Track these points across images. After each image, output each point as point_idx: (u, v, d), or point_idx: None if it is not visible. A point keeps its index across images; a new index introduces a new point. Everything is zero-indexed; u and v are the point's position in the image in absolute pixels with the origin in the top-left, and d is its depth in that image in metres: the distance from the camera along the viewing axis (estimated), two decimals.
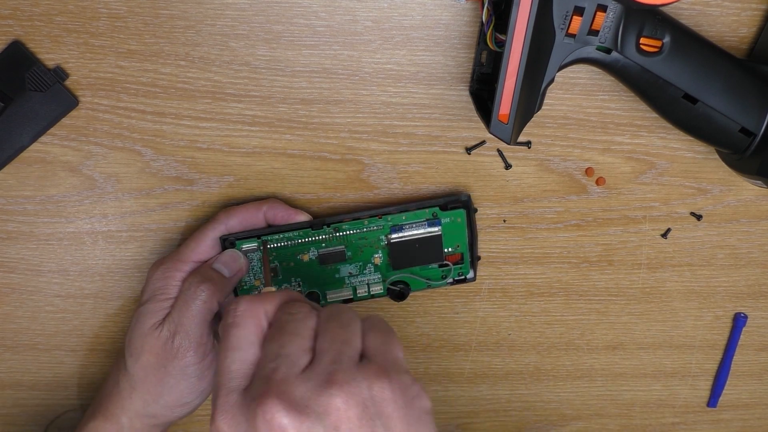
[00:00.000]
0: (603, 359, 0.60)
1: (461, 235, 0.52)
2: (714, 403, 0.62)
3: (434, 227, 0.52)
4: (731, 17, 0.48)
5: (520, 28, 0.41)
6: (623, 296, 0.58)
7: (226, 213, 0.50)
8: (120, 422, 0.48)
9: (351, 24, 0.47)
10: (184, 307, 0.47)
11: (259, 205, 0.50)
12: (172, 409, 0.48)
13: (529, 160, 0.53)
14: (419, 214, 0.51)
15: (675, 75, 0.45)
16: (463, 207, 0.51)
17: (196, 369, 0.47)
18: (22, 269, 0.53)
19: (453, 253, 0.53)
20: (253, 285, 0.52)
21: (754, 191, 0.55)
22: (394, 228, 0.51)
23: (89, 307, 0.55)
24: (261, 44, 0.48)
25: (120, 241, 0.53)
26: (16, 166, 0.50)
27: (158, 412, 0.48)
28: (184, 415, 0.49)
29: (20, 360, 0.56)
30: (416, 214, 0.51)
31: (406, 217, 0.51)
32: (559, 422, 0.62)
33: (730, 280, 0.58)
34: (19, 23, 0.46)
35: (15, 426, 0.58)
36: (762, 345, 0.61)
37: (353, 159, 0.52)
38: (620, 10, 0.43)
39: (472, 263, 0.53)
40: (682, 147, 0.53)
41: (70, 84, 0.48)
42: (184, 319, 0.47)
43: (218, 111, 0.49)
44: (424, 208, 0.51)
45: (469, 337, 0.58)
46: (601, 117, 0.51)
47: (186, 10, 0.46)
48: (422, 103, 0.50)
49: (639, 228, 0.55)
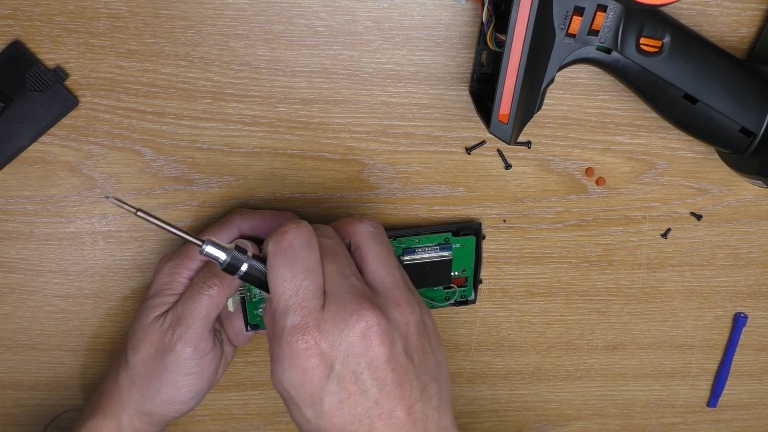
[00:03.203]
0: (603, 359, 0.60)
1: (469, 260, 0.54)
2: (714, 403, 0.62)
3: (445, 252, 0.53)
4: (731, 17, 0.48)
5: (520, 28, 0.41)
6: (623, 296, 0.58)
7: (240, 216, 0.49)
8: (120, 420, 0.48)
9: (351, 24, 0.47)
10: (189, 302, 0.47)
11: (276, 216, 0.50)
12: (168, 406, 0.48)
13: (529, 160, 0.53)
14: (432, 238, 0.52)
15: (675, 75, 0.45)
16: (473, 234, 0.53)
17: (194, 365, 0.47)
18: (22, 269, 0.53)
19: (459, 277, 0.54)
20: (262, 298, 0.51)
21: (754, 191, 0.55)
22: (406, 250, 0.52)
23: (89, 307, 0.55)
24: (261, 44, 0.48)
25: (120, 241, 0.53)
26: (16, 166, 0.50)
27: (155, 409, 0.48)
28: (180, 414, 0.49)
29: (20, 360, 0.56)
30: (429, 238, 0.52)
31: (419, 240, 0.52)
32: (559, 422, 0.62)
33: (730, 280, 0.58)
34: (19, 23, 0.46)
35: (15, 426, 0.58)
36: (762, 345, 0.61)
37: (353, 159, 0.52)
38: (620, 10, 0.43)
39: (474, 286, 0.55)
40: (682, 147, 0.53)
41: (70, 84, 0.48)
42: (187, 313, 0.46)
43: (218, 111, 0.49)
44: (437, 233, 0.52)
45: (469, 337, 0.58)
46: (601, 117, 0.51)
47: (186, 10, 0.46)
48: (422, 103, 0.50)
49: (639, 228, 0.55)
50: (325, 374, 0.39)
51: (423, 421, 0.40)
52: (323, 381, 0.39)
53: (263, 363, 0.58)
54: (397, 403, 0.39)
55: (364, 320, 0.39)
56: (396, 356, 0.40)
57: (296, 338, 0.39)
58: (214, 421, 0.59)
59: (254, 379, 0.58)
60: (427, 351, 0.42)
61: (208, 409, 0.59)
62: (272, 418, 0.60)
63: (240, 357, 0.57)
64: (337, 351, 0.39)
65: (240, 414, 0.59)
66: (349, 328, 0.39)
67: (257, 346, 0.57)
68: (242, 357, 0.57)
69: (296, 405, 0.40)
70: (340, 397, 0.39)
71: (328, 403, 0.39)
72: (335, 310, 0.39)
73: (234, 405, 0.59)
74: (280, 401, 0.59)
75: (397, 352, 0.40)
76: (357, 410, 0.39)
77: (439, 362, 0.43)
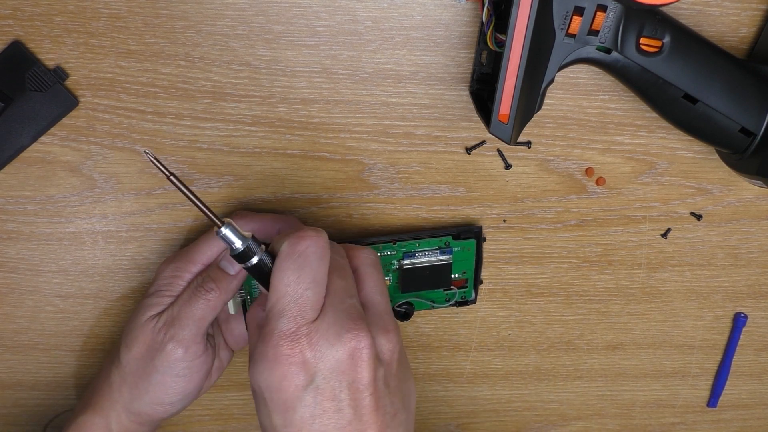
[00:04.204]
0: (603, 359, 0.60)
1: (469, 262, 0.54)
2: (714, 403, 0.62)
3: (445, 255, 0.53)
4: (731, 17, 0.48)
5: (520, 28, 0.41)
6: (623, 296, 0.58)
7: (241, 219, 0.49)
8: (109, 417, 0.48)
9: (351, 24, 0.47)
10: (185, 303, 0.47)
11: (277, 220, 0.50)
12: (155, 407, 0.48)
13: (529, 160, 0.53)
14: (432, 242, 0.52)
15: (675, 75, 0.45)
16: (474, 237, 0.53)
17: (184, 367, 0.47)
18: (22, 269, 0.53)
19: (459, 279, 0.54)
20: None
21: (754, 191, 0.55)
22: (407, 254, 0.52)
23: (89, 307, 0.55)
24: (261, 44, 0.48)
25: (120, 241, 0.53)
26: (16, 166, 0.50)
27: (142, 409, 0.48)
28: (167, 416, 0.49)
29: (20, 360, 0.56)
30: (429, 242, 0.52)
31: (419, 244, 0.52)
32: (559, 422, 0.62)
33: (730, 280, 0.58)
34: (19, 23, 0.46)
35: (15, 426, 0.58)
36: (762, 345, 0.61)
37: (353, 159, 0.52)
38: (620, 10, 0.43)
39: (475, 286, 0.55)
40: (682, 147, 0.53)
41: (70, 84, 0.48)
42: (182, 314, 0.46)
43: (218, 111, 0.49)
44: (438, 237, 0.52)
45: (469, 337, 0.58)
46: (601, 117, 0.51)
47: (186, 10, 0.46)
48: (422, 103, 0.50)
49: (639, 228, 0.55)
50: (304, 384, 0.39)
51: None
52: (300, 390, 0.39)
53: None
54: (368, 427, 0.39)
55: (358, 340, 0.39)
56: (376, 381, 0.40)
57: (282, 343, 0.39)
58: (214, 421, 0.59)
59: None
60: (402, 380, 0.42)
61: (208, 409, 0.59)
62: None
63: (240, 357, 0.57)
64: (321, 364, 0.39)
65: (240, 414, 0.59)
66: (342, 344, 0.39)
67: None
68: (242, 357, 0.57)
69: (267, 408, 0.39)
70: (313, 411, 0.39)
71: (300, 414, 0.39)
72: (330, 323, 0.39)
73: (234, 405, 0.59)
74: None
75: (377, 378, 0.40)
76: (328, 427, 0.39)
77: (410, 392, 0.44)
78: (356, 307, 0.41)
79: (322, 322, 0.39)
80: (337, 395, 0.39)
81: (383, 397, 0.40)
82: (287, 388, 0.39)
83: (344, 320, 0.39)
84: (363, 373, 0.39)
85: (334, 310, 0.40)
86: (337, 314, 0.40)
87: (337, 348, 0.39)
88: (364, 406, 0.39)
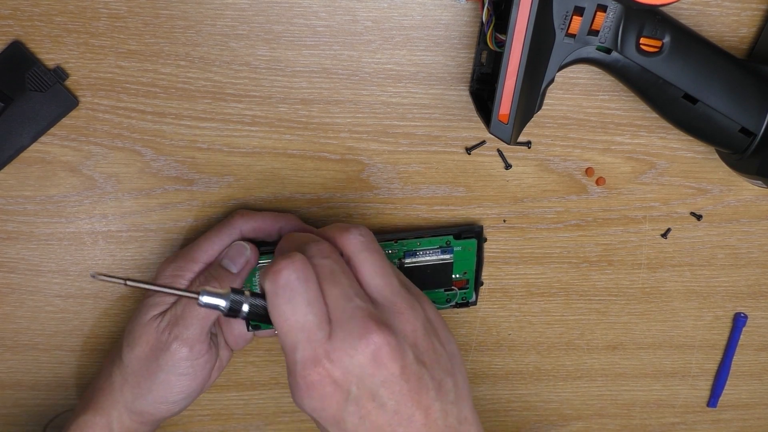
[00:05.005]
0: (603, 359, 0.60)
1: (470, 262, 0.53)
2: (714, 403, 0.62)
3: (446, 254, 0.53)
4: (731, 17, 0.48)
5: (520, 28, 0.41)
6: (623, 296, 0.58)
7: (242, 217, 0.49)
8: (110, 417, 0.48)
9: (351, 24, 0.47)
10: (189, 303, 0.47)
11: (277, 218, 0.50)
12: (159, 406, 0.48)
13: (529, 160, 0.53)
14: (433, 241, 0.52)
15: (675, 75, 0.45)
16: (475, 237, 0.53)
17: (188, 366, 0.47)
18: (22, 269, 0.53)
19: (460, 279, 0.54)
20: None
21: (754, 191, 0.55)
22: (408, 253, 0.52)
23: (89, 307, 0.55)
24: (261, 44, 0.48)
25: (120, 241, 0.53)
26: (16, 166, 0.50)
27: (145, 408, 0.48)
28: (169, 415, 0.49)
29: (20, 360, 0.56)
30: (430, 241, 0.52)
31: (420, 243, 0.52)
32: (559, 422, 0.62)
33: (730, 280, 0.58)
34: (19, 23, 0.46)
35: (15, 426, 0.58)
36: (762, 345, 0.61)
37: (353, 159, 0.52)
38: (620, 10, 0.43)
39: (475, 288, 0.55)
40: (682, 147, 0.53)
41: (70, 84, 0.48)
42: (186, 313, 0.46)
43: (218, 111, 0.49)
44: (439, 236, 0.52)
45: (469, 337, 0.58)
46: (601, 117, 0.51)
47: (186, 10, 0.46)
48: (422, 103, 0.50)
49: (639, 228, 0.55)
50: (343, 398, 0.40)
51: (442, 418, 0.41)
52: (342, 404, 0.40)
53: (263, 363, 0.58)
54: (415, 409, 0.40)
55: (372, 344, 0.39)
56: (408, 367, 0.40)
57: (308, 371, 0.39)
58: (214, 421, 0.59)
59: (254, 379, 0.58)
60: (437, 348, 0.42)
61: (208, 409, 0.59)
62: (272, 418, 0.60)
63: (240, 357, 0.57)
64: (350, 376, 0.39)
65: (240, 414, 0.59)
66: (359, 353, 0.39)
67: (257, 347, 0.57)
68: (242, 357, 0.57)
69: (320, 424, 0.41)
70: (360, 414, 0.40)
71: (350, 422, 0.40)
72: (343, 337, 0.40)
73: (234, 405, 0.59)
74: (280, 401, 0.59)
75: (408, 363, 0.40)
76: (378, 422, 0.40)
77: (452, 354, 0.43)
78: (360, 307, 0.40)
79: (335, 338, 0.40)
80: (375, 394, 0.40)
81: (422, 377, 0.40)
82: (330, 407, 0.40)
83: (353, 328, 0.40)
84: (391, 368, 0.40)
85: (340, 321, 0.40)
86: (344, 325, 0.40)
87: (357, 358, 0.39)
88: (404, 394, 0.40)
